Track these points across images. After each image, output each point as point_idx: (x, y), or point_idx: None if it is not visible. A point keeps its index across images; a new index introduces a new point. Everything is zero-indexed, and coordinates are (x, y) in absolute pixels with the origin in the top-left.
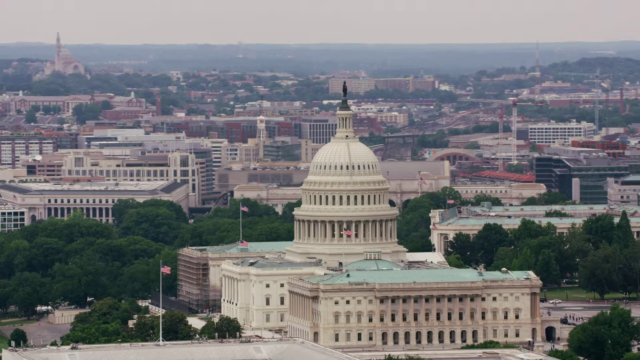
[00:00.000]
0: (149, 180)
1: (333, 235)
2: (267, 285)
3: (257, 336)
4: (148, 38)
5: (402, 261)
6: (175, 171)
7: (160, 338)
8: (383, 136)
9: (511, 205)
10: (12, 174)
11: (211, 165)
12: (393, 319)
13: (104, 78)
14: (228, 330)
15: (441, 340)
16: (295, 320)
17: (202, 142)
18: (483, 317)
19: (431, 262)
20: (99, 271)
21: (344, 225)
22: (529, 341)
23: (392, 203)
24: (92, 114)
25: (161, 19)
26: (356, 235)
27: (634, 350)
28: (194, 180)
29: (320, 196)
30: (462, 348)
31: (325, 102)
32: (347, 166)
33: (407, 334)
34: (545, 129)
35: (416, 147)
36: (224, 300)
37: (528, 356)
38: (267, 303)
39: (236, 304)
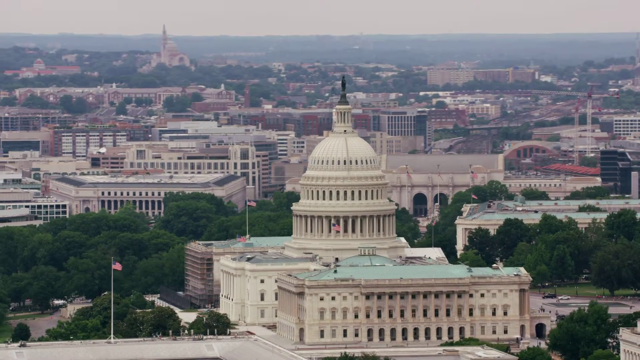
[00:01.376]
0: (209, 172)
1: (330, 231)
2: (262, 281)
3: (248, 332)
4: (268, 29)
5: (401, 257)
6: (235, 164)
7: (112, 335)
8: (467, 128)
9: (557, 199)
10: (74, 166)
11: (275, 158)
12: (379, 316)
13: (205, 70)
14: (217, 326)
15: (428, 337)
16: (283, 317)
17: (268, 134)
18: (471, 314)
19: (429, 257)
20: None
21: (340, 221)
22: (517, 338)
23: (443, 196)
24: (182, 106)
25: (280, 8)
26: (353, 231)
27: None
28: (254, 172)
29: (318, 191)
30: (443, 345)
31: (421, 93)
32: (345, 161)
33: (393, 331)
34: (631, 121)
35: (499, 139)
36: (222, 295)
37: (487, 354)
38: (262, 299)
39: (232, 300)
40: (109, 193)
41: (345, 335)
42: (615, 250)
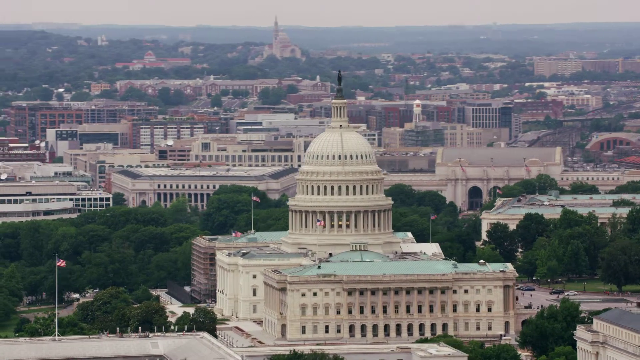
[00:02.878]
0: (272, 165)
1: (324, 226)
2: (254, 276)
3: (236, 327)
4: (398, 19)
5: (397, 252)
6: (299, 156)
7: (56, 333)
8: (559, 120)
9: (605, 192)
10: (139, 159)
11: None
12: (362, 312)
13: (313, 62)
14: (204, 322)
15: (410, 333)
16: (268, 312)
17: None
18: (454, 310)
19: (424, 253)
20: (126, 259)
21: (335, 216)
22: (501, 334)
23: (495, 190)
24: (277, 98)
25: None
26: (347, 226)
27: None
28: None
29: (313, 186)
30: (418, 341)
31: (527, 84)
32: (340, 156)
33: (375, 327)
34: None
35: (590, 131)
36: (218, 290)
37: (440, 351)
38: (254, 294)
39: (226, 295)
40: (165, 186)
41: (327, 331)
42: (623, 246)
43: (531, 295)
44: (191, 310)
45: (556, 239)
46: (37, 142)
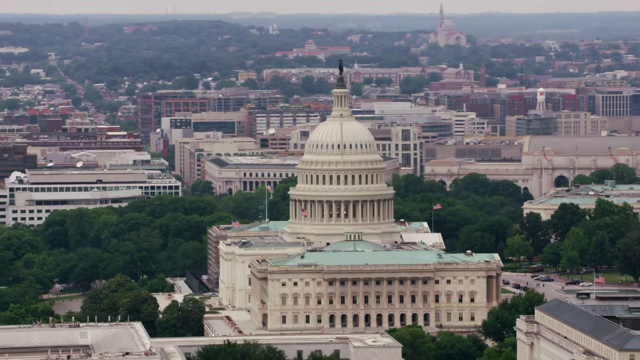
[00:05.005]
0: None
1: (323, 216)
2: (250, 266)
3: (227, 317)
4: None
5: (396, 242)
6: (397, 145)
7: None
8: None
9: None
10: (237, 147)
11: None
12: (342, 302)
13: (473, 49)
14: (192, 310)
15: (392, 324)
16: (254, 302)
17: (443, 115)
18: (437, 300)
19: (423, 243)
20: (154, 247)
21: (333, 206)
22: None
23: (563, 179)
24: (418, 86)
25: None
26: (346, 216)
27: None
28: (415, 154)
29: (312, 175)
30: (388, 331)
31: None
32: (339, 145)
33: (355, 317)
34: None
35: None
36: (220, 280)
37: (377, 342)
38: (250, 283)
39: (225, 284)
40: (250, 174)
41: (307, 321)
42: (639, 236)
43: (543, 286)
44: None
45: (582, 230)
46: (158, 130)
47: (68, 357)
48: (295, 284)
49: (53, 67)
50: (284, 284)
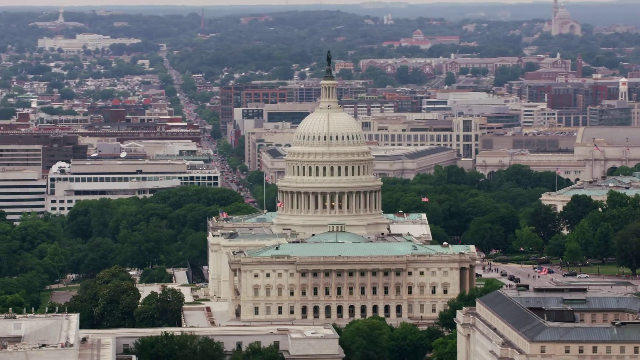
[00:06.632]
0: (431, 144)
1: (309, 207)
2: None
3: (207, 308)
4: None
5: (383, 234)
6: (458, 136)
7: None
8: None
9: None
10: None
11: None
12: (315, 293)
13: (584, 39)
14: (170, 302)
15: (364, 315)
16: (229, 293)
17: (510, 105)
18: (410, 292)
19: (409, 234)
20: (162, 238)
21: (319, 197)
22: None
23: (612, 169)
24: (514, 75)
25: None
26: (332, 207)
27: None
28: (476, 145)
29: (299, 167)
30: (349, 324)
31: None
32: (325, 137)
33: (327, 308)
34: None
35: None
36: (207, 270)
37: (316, 333)
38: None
39: (210, 274)
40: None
41: (280, 312)
42: (636, 228)
43: (539, 277)
44: (187, 290)
45: (586, 221)
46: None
47: None
48: (268, 275)
49: (159, 58)
50: (256, 275)
